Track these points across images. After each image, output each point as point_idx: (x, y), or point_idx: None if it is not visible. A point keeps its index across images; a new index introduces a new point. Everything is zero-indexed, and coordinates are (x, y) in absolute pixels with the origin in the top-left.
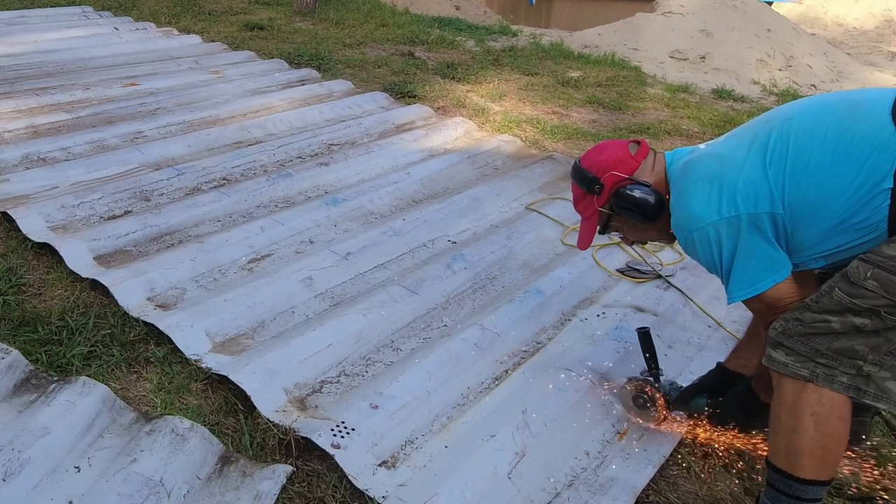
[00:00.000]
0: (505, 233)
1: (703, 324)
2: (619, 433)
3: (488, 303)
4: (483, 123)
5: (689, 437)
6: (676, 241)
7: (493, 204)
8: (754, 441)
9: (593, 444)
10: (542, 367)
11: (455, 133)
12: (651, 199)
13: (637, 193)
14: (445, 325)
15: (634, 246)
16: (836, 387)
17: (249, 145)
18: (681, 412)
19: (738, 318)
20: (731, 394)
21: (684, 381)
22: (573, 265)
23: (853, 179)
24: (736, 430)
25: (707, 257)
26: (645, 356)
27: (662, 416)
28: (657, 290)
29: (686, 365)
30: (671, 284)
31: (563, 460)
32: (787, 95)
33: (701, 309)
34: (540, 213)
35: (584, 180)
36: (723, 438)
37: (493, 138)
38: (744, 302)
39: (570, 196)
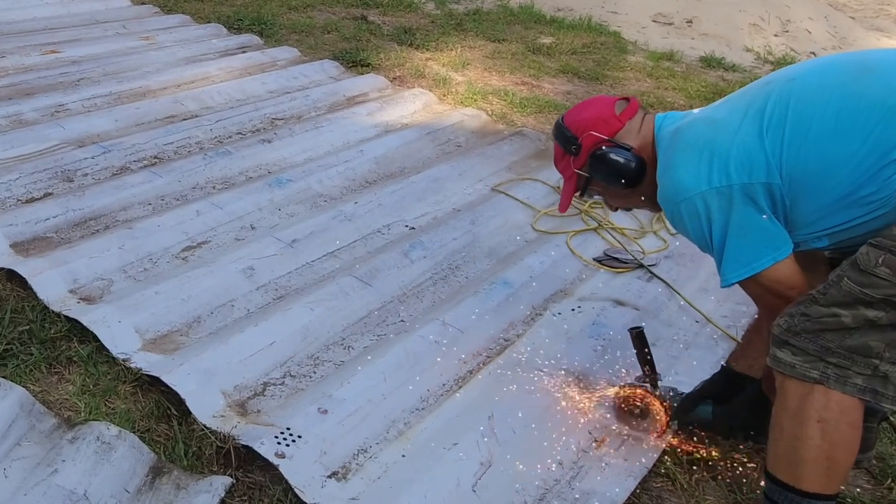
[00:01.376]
0: (469, 217)
1: (690, 319)
2: (596, 441)
3: (450, 295)
4: (444, 95)
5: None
6: (662, 214)
7: (455, 185)
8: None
9: (567, 453)
10: (510, 367)
11: (413, 106)
12: (631, 164)
13: (615, 157)
14: (402, 321)
15: (613, 233)
16: (849, 389)
17: (184, 120)
18: (683, 422)
19: (730, 312)
20: (740, 399)
21: (669, 383)
22: (545, 253)
23: (859, 148)
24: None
25: (696, 232)
26: (639, 359)
27: (662, 428)
28: (639, 282)
29: (671, 365)
30: (654, 275)
31: (534, 471)
32: (783, 63)
33: (688, 302)
34: (508, 195)
35: (563, 139)
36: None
37: (456, 112)
38: (742, 286)
39: (542, 177)
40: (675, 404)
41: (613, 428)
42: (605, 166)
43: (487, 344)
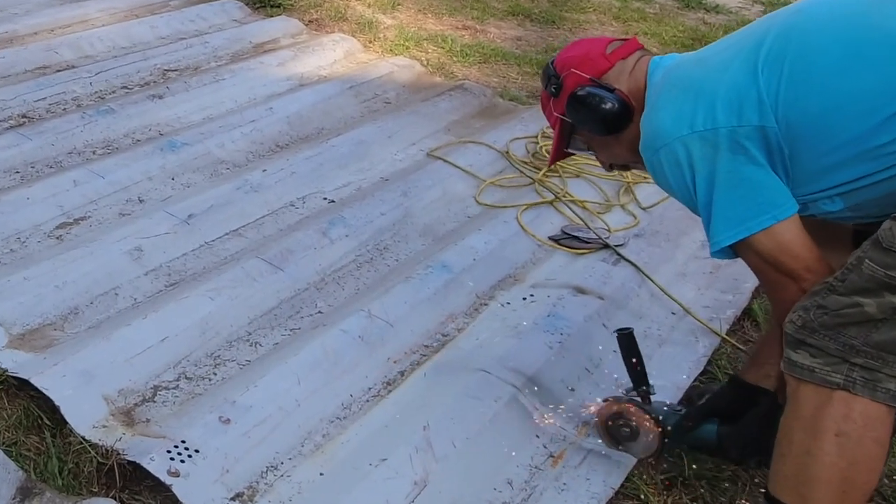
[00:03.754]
0: (400, 188)
1: (665, 310)
2: (552, 457)
3: (377, 282)
4: (371, 42)
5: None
6: (631, 185)
7: (383, 149)
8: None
9: (518, 470)
10: (449, 367)
11: (333, 55)
12: (612, 106)
13: (594, 98)
14: (320, 312)
15: (572, 207)
16: (880, 396)
17: (58, 71)
18: (683, 445)
19: (712, 302)
20: (751, 416)
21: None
22: (491, 231)
23: (869, 86)
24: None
25: (679, 185)
26: (627, 367)
27: (656, 451)
28: (603, 265)
29: None
30: (622, 257)
31: (478, 492)
32: (777, 4)
33: (662, 290)
34: (446, 161)
35: (546, 78)
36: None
37: (384, 62)
38: (739, 254)
39: (487, 140)
40: (673, 423)
41: (573, 441)
42: (583, 108)
43: (422, 340)
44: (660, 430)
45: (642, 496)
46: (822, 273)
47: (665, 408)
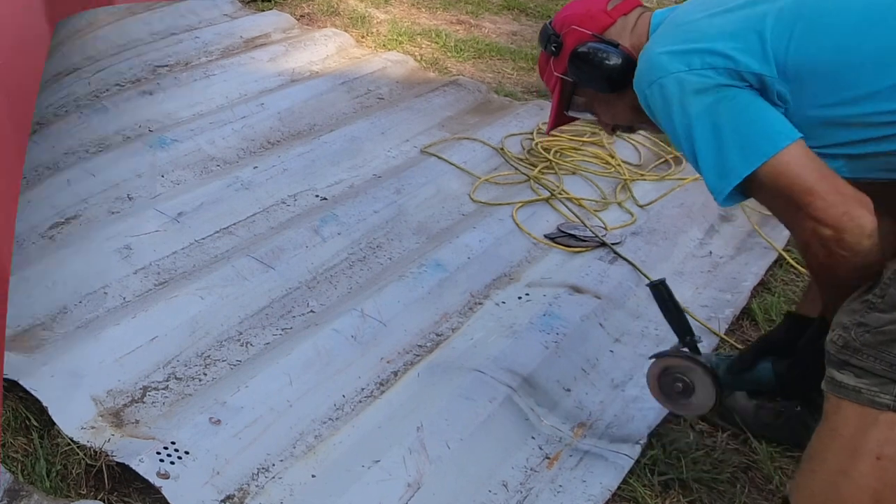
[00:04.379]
0: (393, 185)
1: None
2: (547, 458)
3: (370, 280)
4: (363, 37)
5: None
6: (628, 183)
7: (376, 146)
8: None
9: (513, 472)
10: (443, 368)
11: (325, 50)
12: (613, 61)
13: (597, 54)
14: (312, 311)
15: (568, 204)
16: None
17: (67, 75)
18: (739, 390)
19: (710, 301)
20: (804, 344)
21: (636, 389)
22: (486, 229)
23: (885, 48)
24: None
25: (666, 120)
26: (668, 319)
27: (715, 402)
28: (600, 264)
29: (639, 364)
30: (619, 255)
31: (473, 494)
32: None
33: None
34: (440, 158)
35: (545, 37)
36: None
37: (377, 57)
38: (754, 196)
39: (482, 136)
40: (726, 368)
41: (569, 443)
42: (586, 66)
43: (416, 339)
44: (714, 379)
45: (639, 498)
46: (828, 193)
47: (715, 357)
